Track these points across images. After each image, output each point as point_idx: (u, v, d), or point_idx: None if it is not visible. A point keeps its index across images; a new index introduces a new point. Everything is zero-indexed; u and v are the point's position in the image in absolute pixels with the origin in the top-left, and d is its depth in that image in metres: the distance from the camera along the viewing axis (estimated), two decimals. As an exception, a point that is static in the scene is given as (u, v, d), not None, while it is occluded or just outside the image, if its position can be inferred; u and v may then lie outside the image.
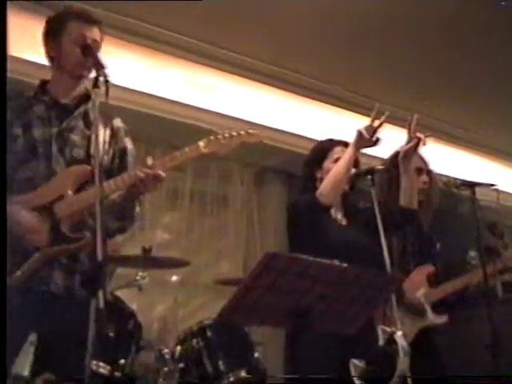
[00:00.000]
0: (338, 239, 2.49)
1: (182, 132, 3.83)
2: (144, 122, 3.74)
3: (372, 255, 2.29)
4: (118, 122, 2.19)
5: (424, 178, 2.96)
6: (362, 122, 2.50)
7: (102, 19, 2.14)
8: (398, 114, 4.04)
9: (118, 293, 2.52)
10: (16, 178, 1.96)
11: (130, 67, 3.79)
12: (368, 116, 2.45)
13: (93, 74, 1.84)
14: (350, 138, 2.50)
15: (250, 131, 2.03)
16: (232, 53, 3.99)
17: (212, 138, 2.00)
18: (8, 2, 1.84)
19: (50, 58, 2.13)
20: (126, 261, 2.85)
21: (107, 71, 1.75)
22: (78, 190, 1.96)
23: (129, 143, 2.19)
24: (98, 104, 1.71)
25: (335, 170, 2.45)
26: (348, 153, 2.44)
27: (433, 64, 3.82)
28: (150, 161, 1.95)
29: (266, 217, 4.69)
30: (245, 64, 4.07)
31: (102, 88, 1.70)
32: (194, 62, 3.98)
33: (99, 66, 1.79)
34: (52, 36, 2.11)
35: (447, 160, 4.75)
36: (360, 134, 2.39)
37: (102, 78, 1.73)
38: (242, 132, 2.02)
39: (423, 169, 2.97)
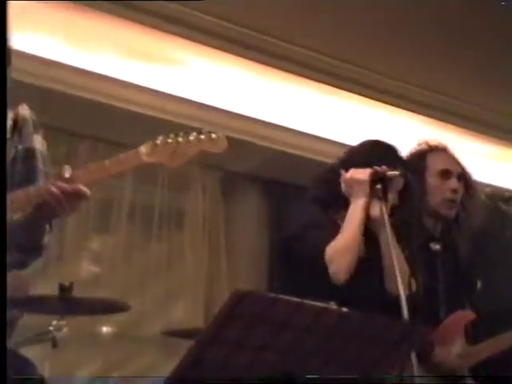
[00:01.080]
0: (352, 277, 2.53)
1: (122, 124, 3.85)
2: (65, 107, 3.74)
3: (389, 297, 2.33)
4: (23, 110, 2.15)
5: (454, 183, 2.93)
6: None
7: None
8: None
9: (24, 351, 2.49)
10: None
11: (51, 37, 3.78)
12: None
13: None
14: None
15: (214, 135, 1.98)
16: (197, 12, 4.02)
17: (159, 142, 1.96)
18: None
19: None
20: (36, 304, 2.82)
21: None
22: None
23: (38, 142, 2.16)
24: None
25: (344, 240, 2.51)
26: (355, 211, 2.51)
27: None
28: (67, 172, 1.93)
29: (236, 239, 4.72)
30: (208, 27, 4.12)
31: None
32: (140, 23, 4.01)
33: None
34: None
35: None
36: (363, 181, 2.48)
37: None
38: (203, 136, 1.98)
39: (452, 172, 2.95)
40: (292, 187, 4.60)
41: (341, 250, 2.50)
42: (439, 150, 2.96)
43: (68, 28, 3.88)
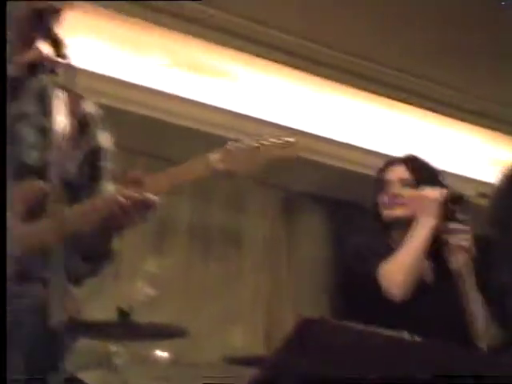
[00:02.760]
0: (416, 302, 2.49)
1: (178, 138, 3.87)
2: (122, 121, 3.77)
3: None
4: (89, 106, 2.09)
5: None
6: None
7: None
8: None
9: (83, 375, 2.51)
10: None
11: (97, 45, 3.87)
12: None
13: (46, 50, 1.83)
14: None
15: (287, 139, 1.95)
16: (250, 22, 4.08)
17: (229, 148, 1.94)
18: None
19: None
20: (96, 329, 2.83)
21: (67, 51, 1.74)
22: (29, 218, 1.88)
23: (105, 140, 2.10)
24: (54, 96, 1.72)
25: (402, 257, 2.49)
26: (420, 230, 2.50)
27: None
28: (136, 179, 1.89)
29: (297, 260, 4.71)
30: (270, 40, 4.11)
31: (62, 76, 1.70)
32: (190, 37, 4.08)
33: (57, 43, 1.78)
34: None
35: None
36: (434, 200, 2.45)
37: (60, 62, 1.72)
38: (274, 140, 1.95)
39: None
40: (355, 206, 4.56)
41: (397, 266, 2.48)
42: None
43: (121, 42, 3.94)
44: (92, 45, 3.85)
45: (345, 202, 4.81)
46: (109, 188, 2.05)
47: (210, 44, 4.14)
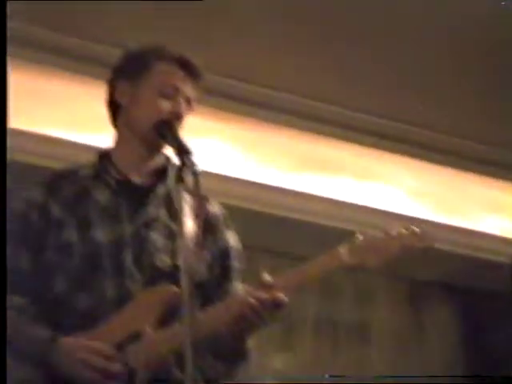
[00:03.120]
0: None
1: (304, 235, 3.88)
2: (246, 220, 3.82)
3: None
4: (214, 208, 2.15)
5: None
6: None
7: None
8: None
9: None
10: (69, 306, 1.92)
11: (218, 146, 3.97)
12: None
13: (172, 156, 1.88)
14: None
15: (416, 230, 1.95)
16: (374, 117, 4.12)
17: (358, 241, 1.94)
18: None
19: (115, 106, 2.11)
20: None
21: (194, 158, 1.77)
22: (162, 322, 1.89)
23: (232, 239, 2.14)
24: (181, 201, 1.73)
25: None
26: None
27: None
28: (267, 278, 1.89)
29: (427, 354, 4.58)
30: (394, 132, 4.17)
31: (189, 181, 1.72)
32: (316, 133, 4.13)
33: (182, 151, 1.81)
34: (126, 74, 2.10)
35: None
36: None
37: (187, 168, 1.75)
38: (404, 231, 1.95)
39: None
40: (487, 295, 4.41)
41: None
42: None
43: (243, 143, 4.04)
44: (213, 146, 3.96)
45: (475, 290, 4.67)
46: (239, 288, 2.08)
47: (335, 140, 4.22)
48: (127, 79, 2.09)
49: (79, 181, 2.05)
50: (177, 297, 1.80)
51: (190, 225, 1.81)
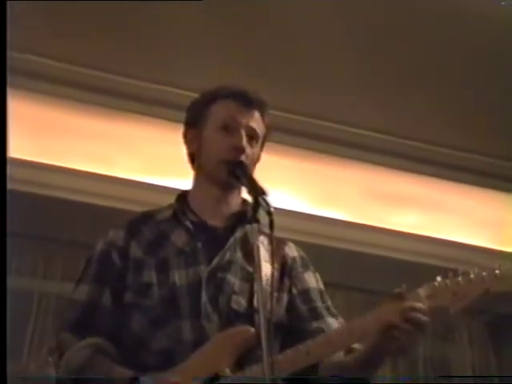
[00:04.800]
0: None
1: (372, 270, 3.88)
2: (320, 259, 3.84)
3: None
4: (291, 250, 2.15)
5: None
6: None
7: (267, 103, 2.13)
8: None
9: None
10: (146, 346, 1.91)
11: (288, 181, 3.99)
12: None
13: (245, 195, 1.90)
14: None
15: (497, 272, 1.87)
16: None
17: (438, 284, 1.88)
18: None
19: (191, 156, 2.15)
20: None
21: (268, 198, 1.76)
22: (240, 364, 1.86)
23: (312, 280, 2.12)
24: (257, 243, 1.73)
25: None
26: None
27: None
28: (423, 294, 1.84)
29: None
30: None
31: (264, 222, 1.73)
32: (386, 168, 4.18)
33: (256, 190, 1.81)
34: (192, 122, 2.13)
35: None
36: None
37: (262, 208, 1.75)
38: (485, 274, 1.87)
39: None
40: None
41: None
42: None
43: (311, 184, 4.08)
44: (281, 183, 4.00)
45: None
46: (335, 324, 2.04)
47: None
48: (194, 127, 2.13)
49: (158, 223, 2.08)
50: (253, 338, 1.82)
51: (266, 267, 1.82)
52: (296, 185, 4.07)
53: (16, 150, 3.20)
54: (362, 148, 4.17)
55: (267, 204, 1.75)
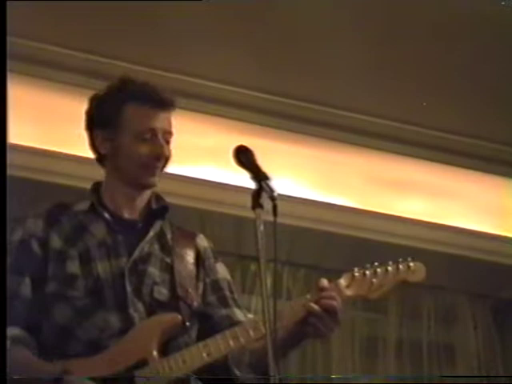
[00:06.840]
0: None
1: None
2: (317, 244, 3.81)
3: None
4: (202, 241, 2.24)
5: None
6: None
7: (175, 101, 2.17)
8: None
9: None
10: (74, 336, 1.96)
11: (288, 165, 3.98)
12: None
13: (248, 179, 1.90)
14: None
15: (412, 265, 2.08)
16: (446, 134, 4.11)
17: (357, 274, 2.05)
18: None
19: (99, 154, 2.17)
20: None
21: (272, 184, 1.79)
22: (166, 349, 1.96)
23: (223, 270, 2.22)
24: (261, 229, 1.76)
25: None
26: None
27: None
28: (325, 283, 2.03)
29: None
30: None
31: (268, 207, 1.74)
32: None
33: (259, 176, 1.83)
34: (100, 123, 2.14)
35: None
36: None
37: (265, 193, 1.77)
38: (401, 266, 2.07)
39: None
40: None
41: None
42: None
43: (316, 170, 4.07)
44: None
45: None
46: (240, 314, 2.16)
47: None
48: (104, 129, 2.13)
49: (76, 214, 2.12)
50: (179, 324, 1.96)
51: (182, 258, 1.95)
52: (300, 171, 4.09)
53: (16, 136, 3.17)
54: (366, 134, 4.20)
55: (271, 189, 1.78)
